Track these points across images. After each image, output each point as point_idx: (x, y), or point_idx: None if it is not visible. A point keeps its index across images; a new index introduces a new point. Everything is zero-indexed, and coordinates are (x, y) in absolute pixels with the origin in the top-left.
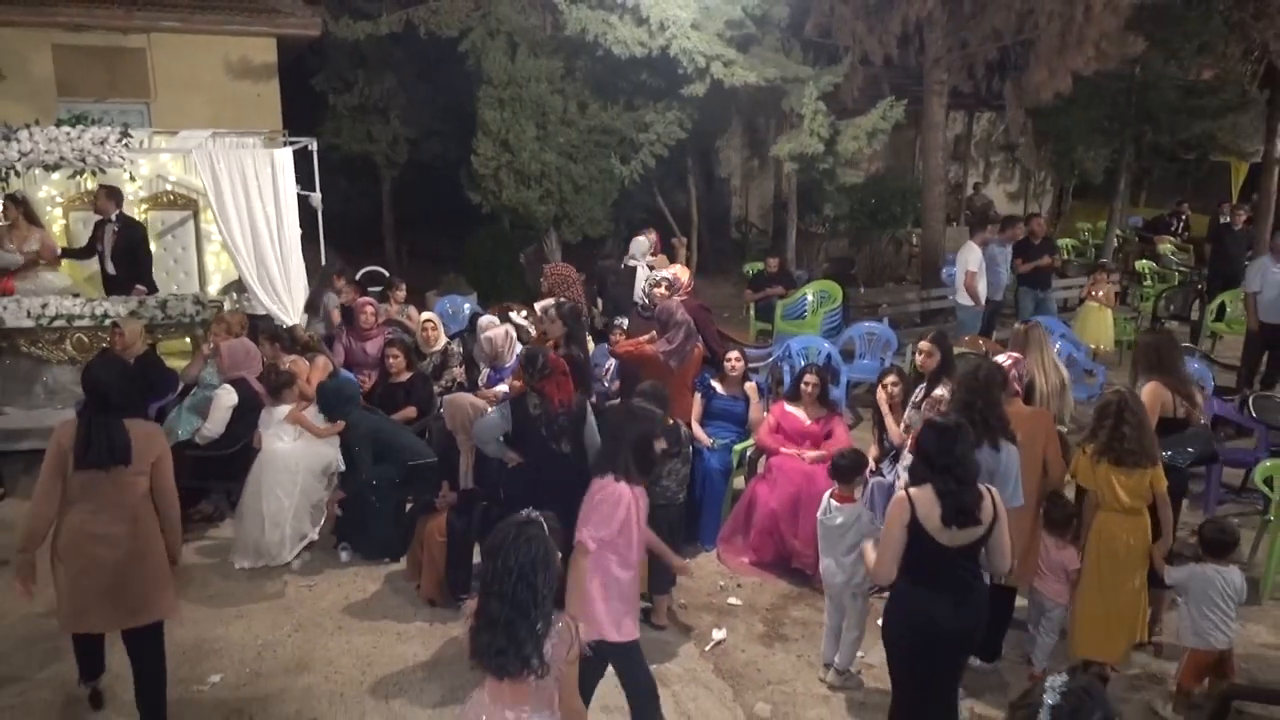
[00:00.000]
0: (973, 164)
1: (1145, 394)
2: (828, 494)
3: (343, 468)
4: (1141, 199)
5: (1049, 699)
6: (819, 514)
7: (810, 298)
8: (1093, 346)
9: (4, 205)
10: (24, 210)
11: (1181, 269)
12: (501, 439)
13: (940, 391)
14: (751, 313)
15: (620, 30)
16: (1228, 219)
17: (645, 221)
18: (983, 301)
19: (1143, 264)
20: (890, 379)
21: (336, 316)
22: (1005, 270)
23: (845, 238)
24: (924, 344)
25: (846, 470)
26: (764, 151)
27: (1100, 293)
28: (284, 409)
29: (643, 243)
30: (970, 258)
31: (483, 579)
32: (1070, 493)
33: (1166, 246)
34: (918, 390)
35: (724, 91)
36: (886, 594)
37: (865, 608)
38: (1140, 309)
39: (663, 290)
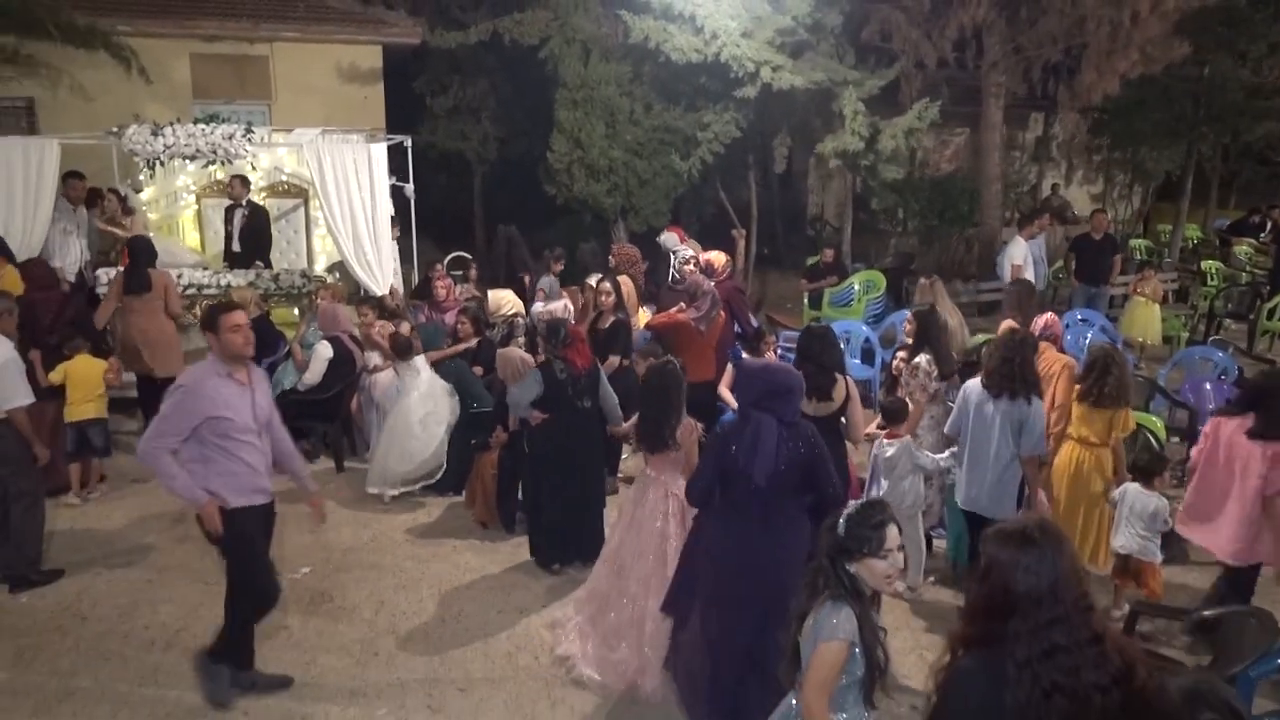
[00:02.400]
0: (1054, 165)
1: None
2: (881, 433)
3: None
4: (1231, 201)
5: None
6: (874, 449)
7: (857, 287)
8: (1140, 340)
9: (107, 197)
10: (123, 203)
11: (1252, 270)
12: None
13: (920, 359)
14: (805, 300)
15: (678, 38)
16: None
17: (710, 214)
18: None
19: (1209, 264)
20: (900, 355)
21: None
22: (1044, 261)
23: (915, 235)
24: (909, 315)
25: (895, 413)
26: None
27: (1147, 289)
28: (420, 359)
29: (669, 237)
30: (1016, 251)
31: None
32: None
33: (1243, 248)
34: (900, 355)
35: (777, 94)
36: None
37: (918, 528)
38: (1198, 306)
39: (691, 268)
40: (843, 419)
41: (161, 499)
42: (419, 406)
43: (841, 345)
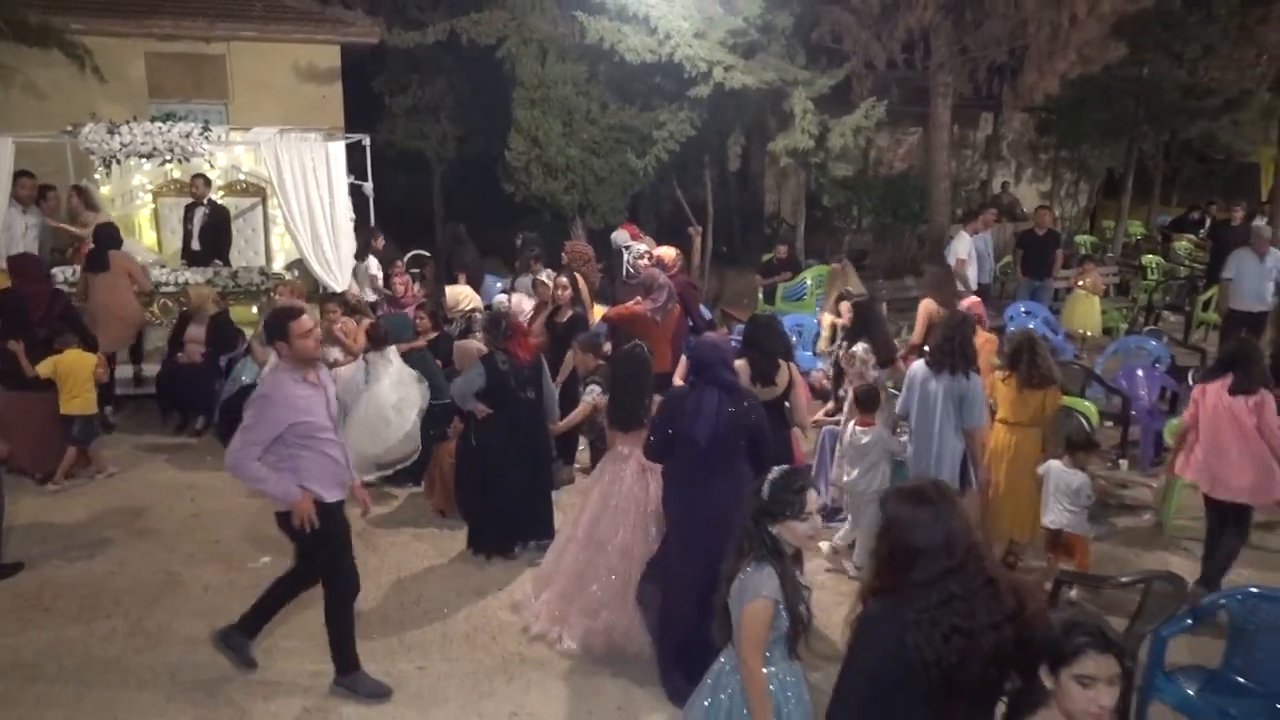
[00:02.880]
0: (1004, 164)
1: None
2: (853, 421)
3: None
4: (1173, 199)
5: None
6: (847, 436)
7: (809, 282)
8: (1081, 331)
9: (69, 194)
10: (84, 199)
11: (1190, 265)
12: (475, 395)
13: (858, 348)
14: (760, 295)
15: (632, 39)
16: (1224, 216)
17: (667, 212)
18: (973, 285)
19: (1149, 259)
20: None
21: (378, 277)
22: (989, 256)
23: (869, 233)
24: (844, 304)
25: (868, 401)
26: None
27: (1087, 281)
28: (392, 350)
29: (620, 234)
30: (960, 246)
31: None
32: None
33: (1182, 244)
34: (840, 343)
35: (730, 93)
36: None
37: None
38: (1138, 299)
39: (645, 262)
40: (787, 404)
41: (122, 493)
42: (392, 392)
43: (793, 337)
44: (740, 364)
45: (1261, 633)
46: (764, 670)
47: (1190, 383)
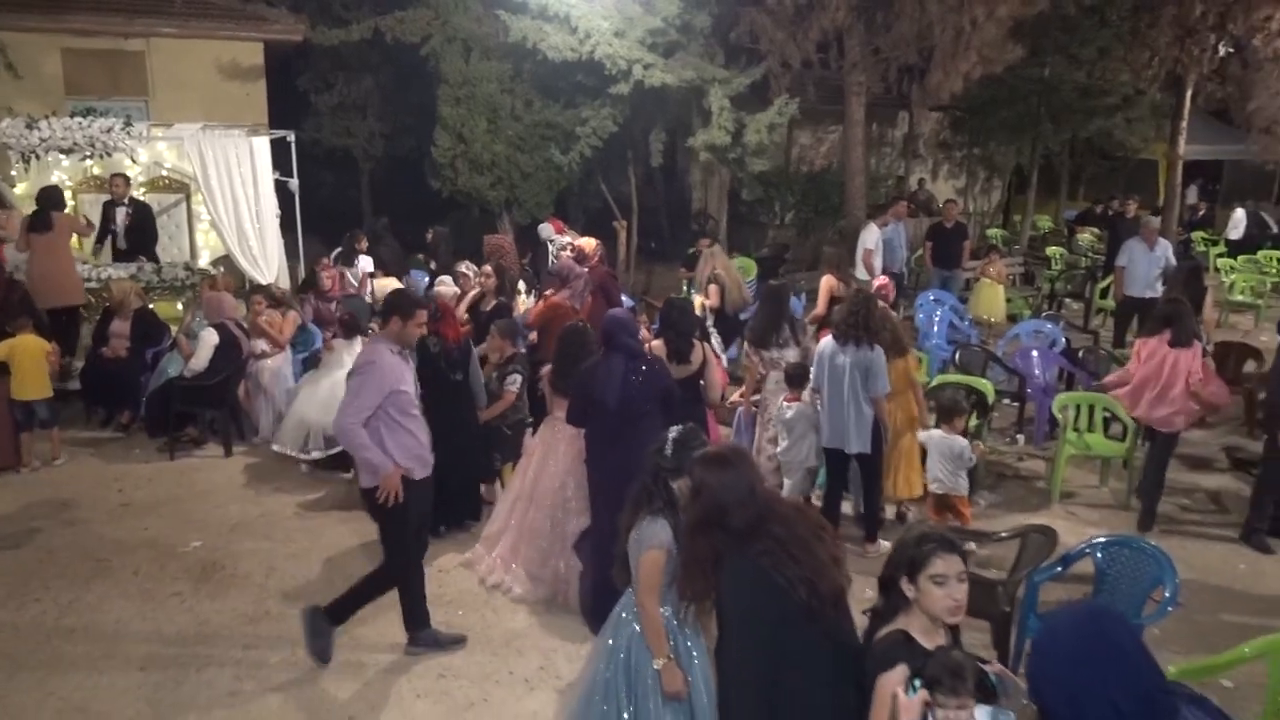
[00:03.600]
0: (921, 161)
1: None
2: (782, 397)
3: None
4: (1080, 194)
5: None
6: (775, 411)
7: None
8: (986, 318)
9: None
10: None
11: (1091, 255)
12: None
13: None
14: (685, 287)
15: (554, 38)
16: (1120, 209)
17: (595, 208)
18: (877, 274)
19: (1053, 250)
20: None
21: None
22: (903, 249)
23: (793, 228)
24: (713, 287)
25: (797, 378)
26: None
27: (991, 271)
28: (356, 342)
29: (545, 228)
30: (868, 237)
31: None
32: None
33: (1086, 236)
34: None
35: (650, 91)
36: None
37: (811, 482)
38: (1041, 288)
39: (567, 254)
40: (701, 381)
41: (50, 484)
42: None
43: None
44: (657, 344)
45: (1120, 577)
46: (659, 611)
47: (1082, 366)
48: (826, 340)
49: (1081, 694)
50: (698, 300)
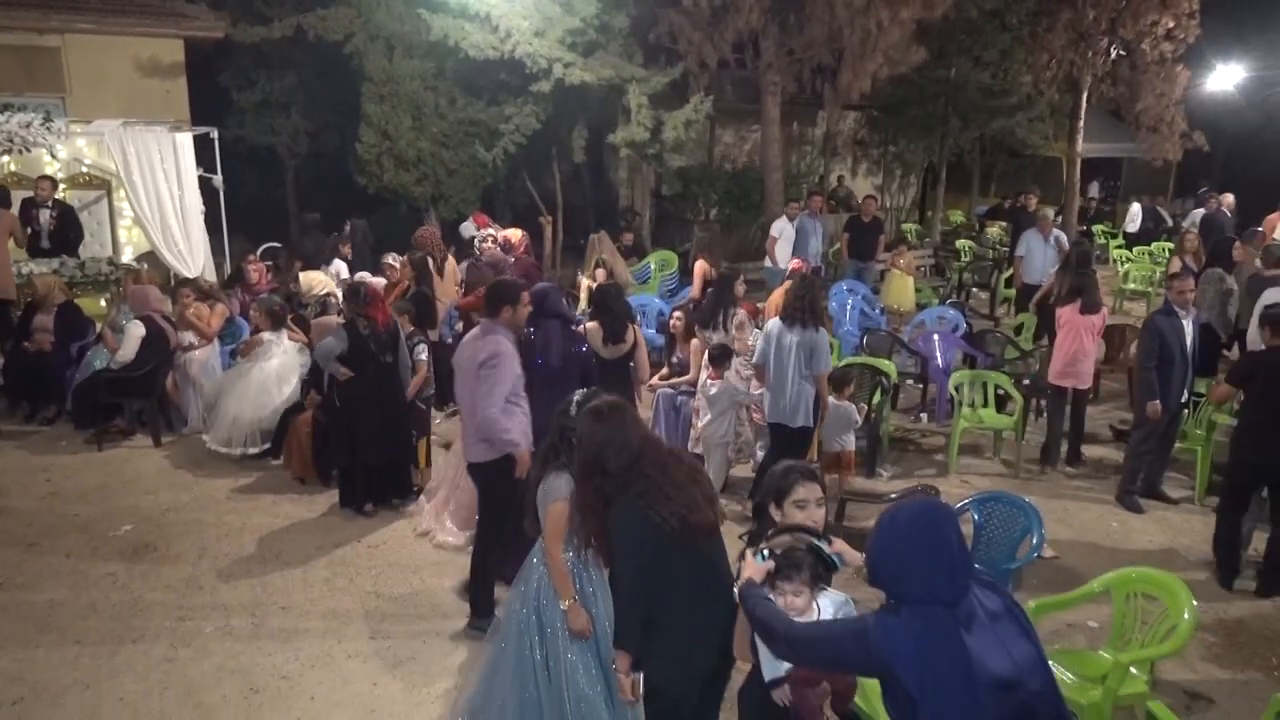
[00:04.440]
0: (840, 159)
1: None
2: (705, 374)
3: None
4: (991, 190)
5: None
6: (699, 388)
7: (653, 265)
8: (895, 307)
9: None
10: None
11: (997, 248)
12: (336, 358)
13: (739, 315)
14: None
15: (475, 36)
16: (1022, 203)
17: (522, 204)
18: (781, 264)
19: (962, 243)
20: (677, 314)
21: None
22: (817, 240)
23: (718, 223)
24: (600, 270)
25: (719, 359)
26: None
27: (901, 262)
28: (282, 334)
29: (467, 225)
30: (774, 228)
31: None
32: None
33: (994, 230)
34: (675, 316)
35: (570, 89)
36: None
37: (725, 455)
38: (951, 279)
39: (489, 245)
40: (631, 363)
41: None
42: (278, 366)
43: (638, 315)
44: (593, 326)
45: (995, 528)
46: (564, 556)
47: (981, 349)
48: (774, 321)
49: (906, 568)
50: (584, 283)
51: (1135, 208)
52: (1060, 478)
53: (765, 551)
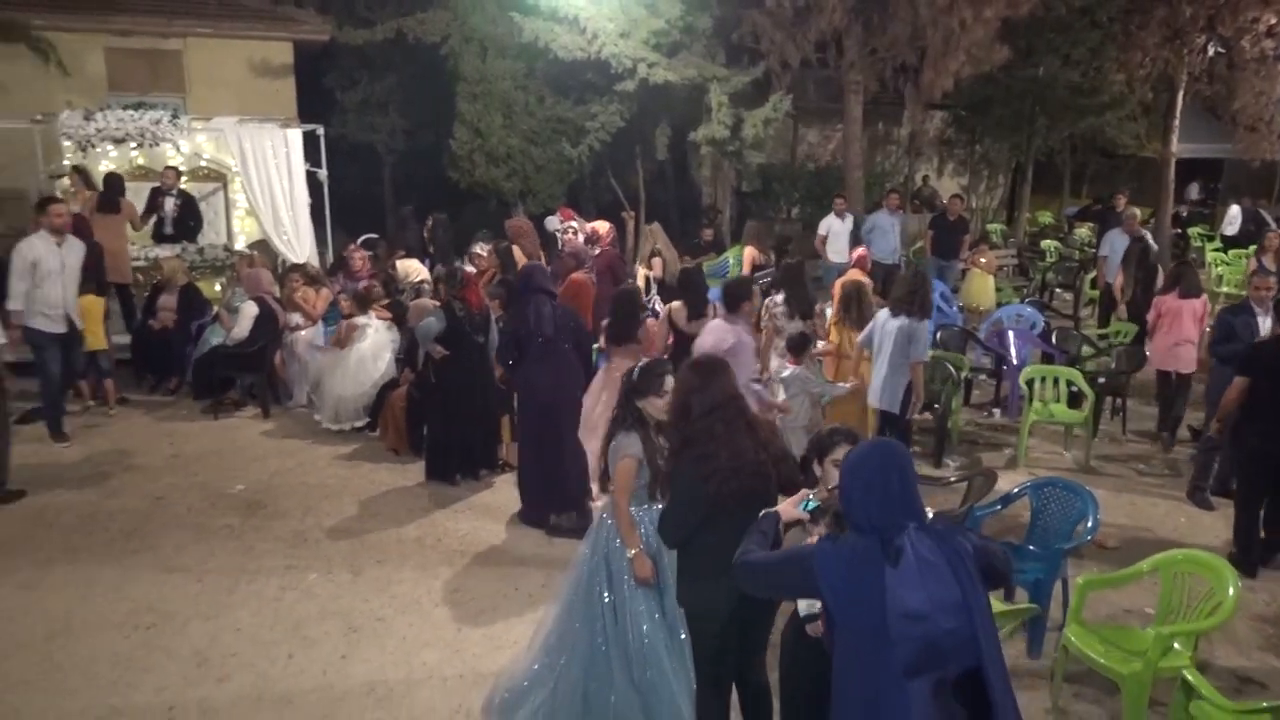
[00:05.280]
0: (927, 159)
1: None
2: (780, 360)
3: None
4: (1083, 191)
5: None
6: (773, 370)
7: (731, 260)
8: (974, 305)
9: (69, 174)
10: (84, 178)
11: (1084, 249)
12: (435, 338)
13: (776, 300)
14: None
15: (564, 38)
16: (1111, 204)
17: (607, 200)
18: (833, 259)
19: (1047, 243)
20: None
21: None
22: (894, 237)
23: (799, 221)
24: (656, 260)
25: (798, 346)
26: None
27: (982, 260)
28: (370, 315)
29: (552, 219)
30: (822, 224)
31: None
32: None
33: (1082, 231)
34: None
35: (655, 88)
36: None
37: (800, 441)
38: (1034, 279)
39: (570, 236)
40: None
41: (108, 437)
42: (370, 344)
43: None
44: (676, 305)
45: (1051, 512)
46: (631, 509)
47: (1058, 347)
48: (883, 310)
49: (851, 494)
50: (640, 271)
51: (1234, 210)
52: (1131, 474)
53: (807, 502)
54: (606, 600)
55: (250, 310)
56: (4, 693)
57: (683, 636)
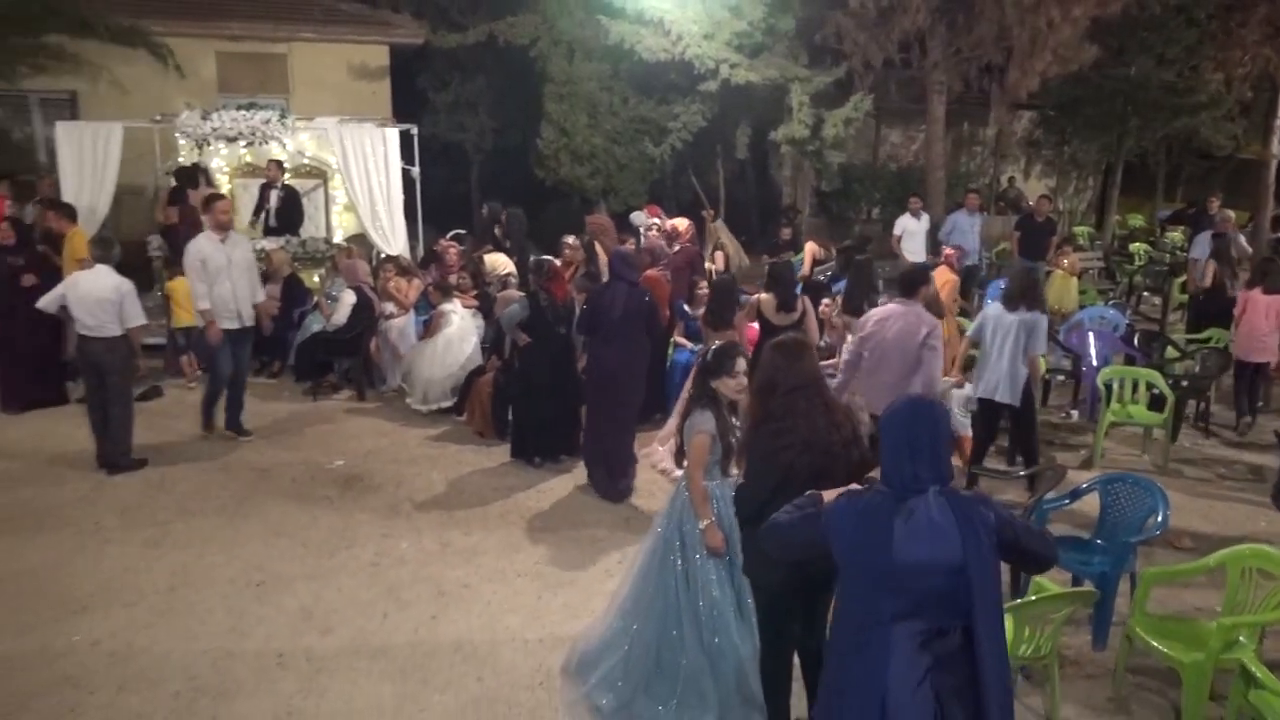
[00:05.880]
0: (1014, 160)
1: None
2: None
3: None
4: (1178, 194)
5: None
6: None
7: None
8: (1055, 307)
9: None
10: (206, 177)
11: (1176, 252)
12: (519, 325)
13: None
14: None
15: (648, 39)
16: (1204, 207)
17: (687, 199)
18: (905, 259)
19: (1136, 246)
20: (826, 302)
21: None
22: (973, 237)
23: (880, 222)
24: (719, 254)
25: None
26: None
27: (1065, 262)
28: (455, 301)
29: (638, 215)
30: (897, 224)
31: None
32: None
33: (1174, 235)
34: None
35: (736, 89)
36: None
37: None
38: (1121, 283)
39: (653, 233)
40: (801, 328)
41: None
42: (457, 329)
43: None
44: (766, 297)
45: (1121, 507)
46: (704, 482)
47: (1140, 350)
48: (994, 305)
49: (887, 450)
50: (708, 265)
51: None
52: (1212, 477)
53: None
54: (679, 568)
55: (349, 299)
56: (134, 633)
57: (749, 603)
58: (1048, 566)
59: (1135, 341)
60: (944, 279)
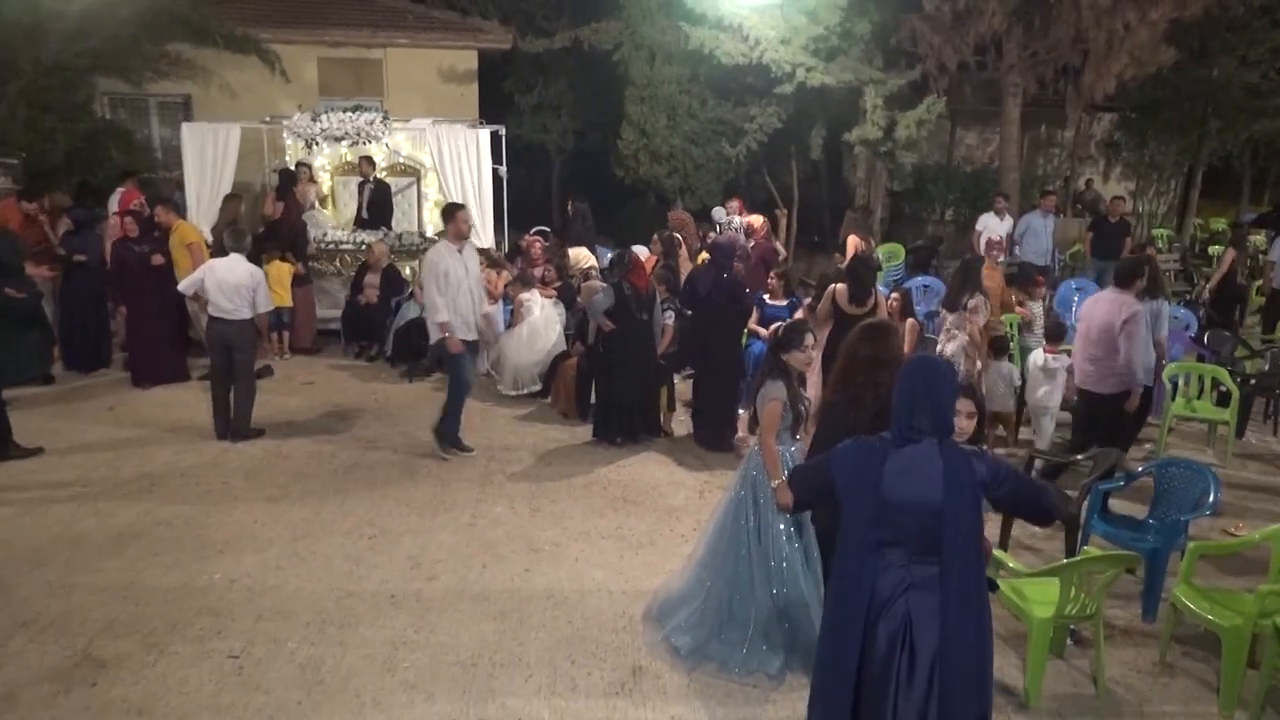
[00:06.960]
0: (1093, 163)
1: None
2: (1041, 348)
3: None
4: (1264, 197)
5: None
6: (1039, 361)
7: (881, 257)
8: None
9: (299, 168)
10: (310, 173)
11: (1257, 256)
12: (604, 312)
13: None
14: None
15: (727, 44)
16: None
17: (761, 198)
18: (981, 252)
19: (1215, 249)
20: (893, 296)
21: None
22: (1046, 238)
23: (953, 224)
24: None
25: (1057, 333)
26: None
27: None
28: (534, 292)
29: (719, 210)
30: (980, 221)
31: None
32: None
33: (1257, 238)
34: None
35: (811, 91)
36: None
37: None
38: (1198, 285)
39: (731, 231)
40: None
41: (320, 395)
42: (540, 317)
43: None
44: (841, 288)
45: (1175, 490)
46: (776, 446)
47: (1210, 348)
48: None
49: (899, 394)
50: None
51: None
52: (1275, 471)
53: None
54: (751, 525)
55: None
56: (266, 574)
57: (815, 555)
58: (1051, 518)
59: (1206, 339)
60: (995, 275)
